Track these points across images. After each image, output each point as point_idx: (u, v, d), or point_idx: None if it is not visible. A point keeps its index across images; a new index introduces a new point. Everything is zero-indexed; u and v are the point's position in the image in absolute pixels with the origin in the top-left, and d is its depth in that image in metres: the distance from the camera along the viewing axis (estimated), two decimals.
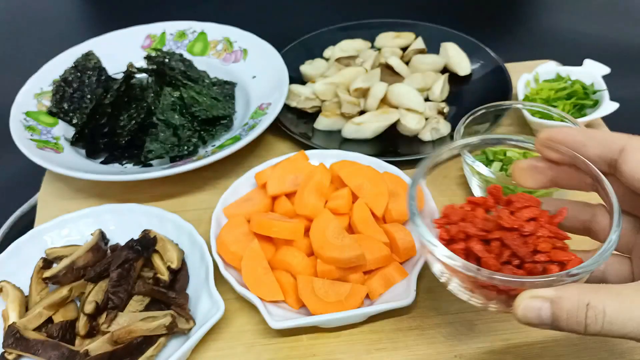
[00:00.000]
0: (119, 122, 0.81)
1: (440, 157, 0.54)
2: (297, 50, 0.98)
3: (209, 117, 0.82)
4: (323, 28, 1.01)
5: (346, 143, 0.83)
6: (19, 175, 0.87)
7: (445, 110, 0.86)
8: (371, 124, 0.82)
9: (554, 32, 1.12)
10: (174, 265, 0.63)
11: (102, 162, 0.81)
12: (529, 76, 0.86)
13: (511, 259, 0.46)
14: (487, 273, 0.43)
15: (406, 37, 0.99)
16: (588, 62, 0.86)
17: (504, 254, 0.46)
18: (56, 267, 0.63)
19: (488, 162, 0.73)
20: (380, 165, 0.72)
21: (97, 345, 0.56)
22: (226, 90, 0.90)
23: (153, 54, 0.89)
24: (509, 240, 0.46)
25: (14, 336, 0.57)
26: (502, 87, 0.87)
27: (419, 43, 0.97)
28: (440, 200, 0.73)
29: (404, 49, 0.98)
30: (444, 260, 0.45)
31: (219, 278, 0.62)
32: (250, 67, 0.92)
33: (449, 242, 0.48)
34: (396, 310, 0.62)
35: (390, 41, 0.99)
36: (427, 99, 0.90)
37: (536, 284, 0.42)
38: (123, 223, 0.69)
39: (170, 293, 0.61)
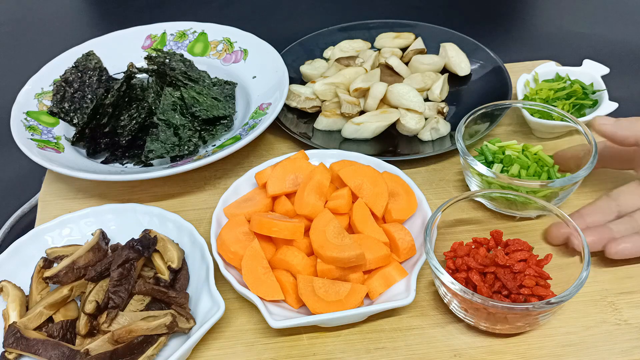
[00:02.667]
0: (119, 122, 0.81)
1: (455, 200, 0.64)
2: (297, 50, 0.98)
3: (209, 117, 0.83)
4: (323, 28, 1.01)
5: (346, 143, 0.83)
6: (20, 175, 0.87)
7: (445, 110, 0.86)
8: (371, 124, 0.82)
9: (554, 32, 1.12)
10: (175, 265, 0.63)
11: (102, 162, 0.81)
12: (528, 76, 0.86)
13: (501, 290, 0.59)
14: (480, 298, 0.54)
15: (406, 38, 0.99)
16: (587, 62, 0.87)
17: (496, 285, 0.59)
18: (57, 267, 0.63)
19: (488, 164, 0.74)
20: (380, 165, 0.72)
21: (97, 345, 0.56)
22: (226, 90, 0.90)
23: (154, 54, 0.89)
24: (501, 275, 0.59)
25: (15, 335, 0.57)
26: (501, 87, 0.87)
27: (419, 43, 0.97)
28: (436, 203, 0.74)
29: (404, 49, 0.98)
30: (447, 284, 0.56)
31: (219, 278, 0.62)
32: (250, 68, 0.92)
33: (454, 272, 0.61)
34: (396, 309, 0.62)
35: (390, 41, 0.99)
36: (426, 99, 0.90)
37: (518, 309, 0.54)
38: (124, 223, 0.69)
39: (170, 292, 0.61)
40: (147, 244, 0.63)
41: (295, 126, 0.85)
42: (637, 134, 0.65)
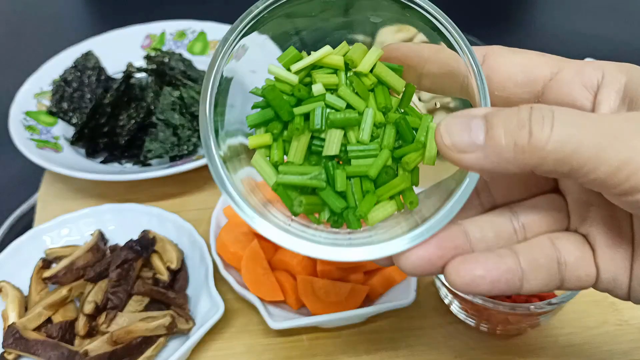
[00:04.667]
0: (118, 121, 0.81)
1: None
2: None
3: None
4: None
5: None
6: (19, 175, 0.87)
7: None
8: None
9: (554, 32, 1.12)
10: (174, 266, 0.63)
11: (101, 162, 0.80)
12: None
13: None
14: (481, 298, 0.54)
15: (408, 31, 0.99)
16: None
17: None
18: (56, 267, 0.63)
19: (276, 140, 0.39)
20: None
21: (96, 345, 0.56)
22: None
23: (153, 53, 0.89)
24: None
25: (14, 336, 0.57)
26: None
27: (422, 38, 0.97)
28: None
29: None
30: (448, 285, 0.53)
31: (218, 278, 0.62)
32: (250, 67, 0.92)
33: None
34: (396, 310, 0.62)
35: (392, 36, 0.99)
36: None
37: (519, 309, 0.53)
38: (123, 223, 0.69)
39: (169, 293, 0.61)
40: (146, 244, 0.63)
41: None
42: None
